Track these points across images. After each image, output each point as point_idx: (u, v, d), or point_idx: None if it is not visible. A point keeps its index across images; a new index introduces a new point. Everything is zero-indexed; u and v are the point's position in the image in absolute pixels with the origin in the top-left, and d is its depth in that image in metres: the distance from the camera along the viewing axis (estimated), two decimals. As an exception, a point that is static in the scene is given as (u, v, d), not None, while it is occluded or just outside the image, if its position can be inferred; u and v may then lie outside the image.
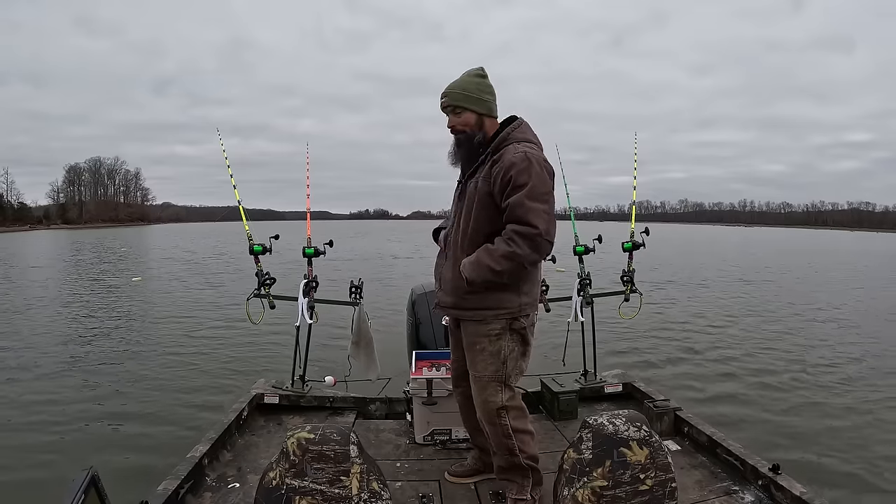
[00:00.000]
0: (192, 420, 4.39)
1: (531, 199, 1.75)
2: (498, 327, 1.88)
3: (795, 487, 1.85)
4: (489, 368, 1.89)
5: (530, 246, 1.75)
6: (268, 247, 2.92)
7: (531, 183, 1.76)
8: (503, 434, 1.92)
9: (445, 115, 1.96)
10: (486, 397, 1.91)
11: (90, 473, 1.08)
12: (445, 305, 1.99)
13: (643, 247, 3.10)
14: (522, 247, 1.75)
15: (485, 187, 1.85)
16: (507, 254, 1.76)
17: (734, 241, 43.14)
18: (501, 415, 1.90)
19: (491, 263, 1.78)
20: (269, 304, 2.92)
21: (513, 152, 1.81)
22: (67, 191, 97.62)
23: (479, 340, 1.90)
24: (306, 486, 1.27)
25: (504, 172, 1.79)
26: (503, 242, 1.78)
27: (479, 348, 1.90)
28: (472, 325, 1.92)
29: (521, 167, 1.76)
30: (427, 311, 3.09)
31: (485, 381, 1.91)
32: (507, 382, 1.91)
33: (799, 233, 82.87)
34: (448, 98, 1.92)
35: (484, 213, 1.86)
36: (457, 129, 1.93)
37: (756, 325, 8.73)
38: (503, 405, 1.90)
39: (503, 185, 1.79)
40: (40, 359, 6.38)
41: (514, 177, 1.76)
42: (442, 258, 2.03)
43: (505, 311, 1.87)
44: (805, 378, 5.81)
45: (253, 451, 2.44)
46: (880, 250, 36.18)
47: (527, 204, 1.75)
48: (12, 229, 66.40)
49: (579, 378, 3.11)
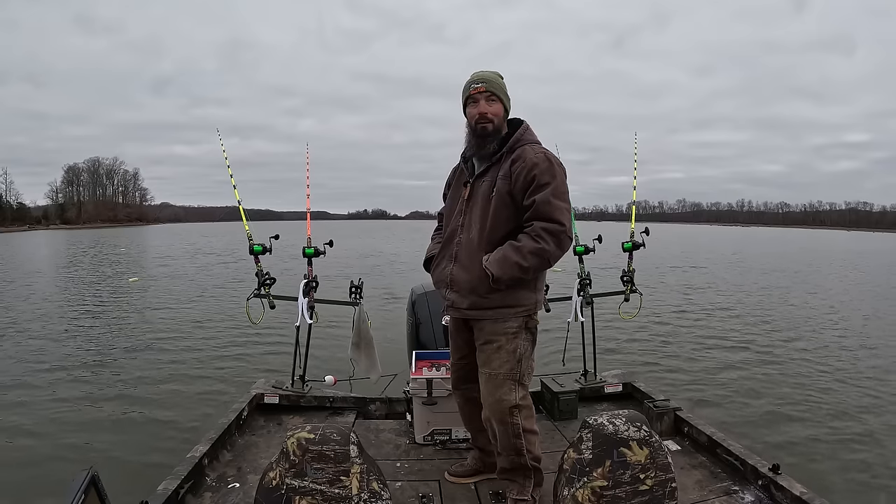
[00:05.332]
0: (192, 420, 4.39)
1: (556, 197, 1.81)
2: (515, 325, 1.89)
3: (795, 487, 1.85)
4: (505, 367, 1.89)
5: (556, 243, 1.80)
6: (268, 247, 2.92)
7: (555, 182, 1.82)
8: (513, 434, 1.90)
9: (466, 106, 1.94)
10: (500, 396, 1.89)
11: (90, 473, 1.08)
12: (461, 307, 1.94)
13: (643, 247, 3.10)
14: (550, 243, 1.79)
15: (505, 186, 1.86)
16: (536, 250, 1.79)
17: (731, 240, 43.15)
18: (514, 413, 1.89)
19: (519, 260, 1.79)
20: (269, 304, 2.92)
21: (533, 152, 1.85)
22: (66, 191, 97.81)
23: (496, 338, 1.89)
24: (306, 486, 1.27)
25: (527, 171, 1.82)
26: (530, 239, 1.80)
27: (497, 346, 1.89)
28: (490, 324, 1.90)
29: (543, 167, 1.82)
30: (427, 311, 3.08)
31: (500, 380, 1.89)
32: (521, 381, 1.91)
33: (796, 232, 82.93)
34: (487, 84, 1.90)
35: (504, 211, 1.87)
36: (486, 118, 1.90)
37: (756, 325, 8.74)
38: (516, 404, 1.90)
39: (526, 183, 1.82)
40: (39, 359, 6.38)
41: (537, 176, 1.81)
42: (447, 262, 1.99)
43: (523, 309, 1.89)
44: (805, 378, 5.82)
45: (253, 451, 2.43)
46: (878, 249, 36.19)
47: (553, 202, 1.80)
48: (11, 229, 66.44)
49: (579, 378, 3.11)
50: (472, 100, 1.93)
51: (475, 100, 1.92)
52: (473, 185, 1.96)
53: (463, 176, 2.05)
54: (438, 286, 2.06)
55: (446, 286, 1.98)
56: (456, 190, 2.07)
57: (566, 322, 3.18)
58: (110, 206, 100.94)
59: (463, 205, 1.99)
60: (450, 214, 2.06)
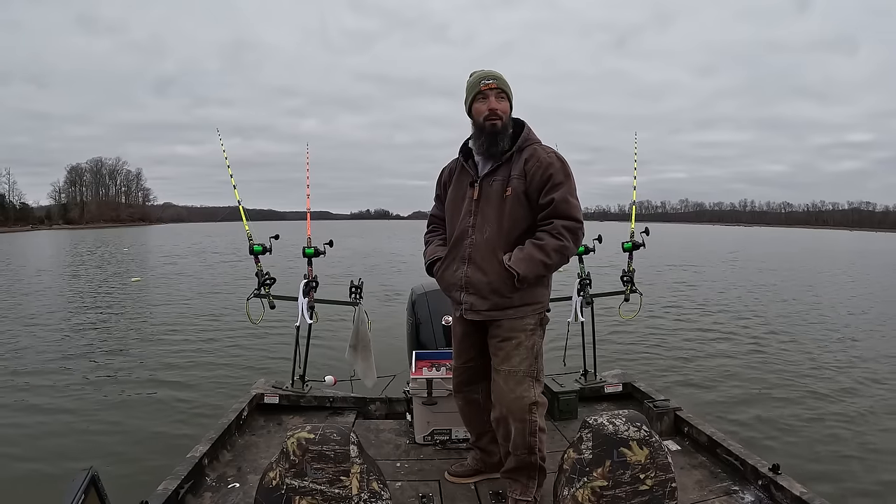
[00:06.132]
0: (192, 420, 4.40)
1: (572, 196, 1.87)
2: (532, 322, 1.91)
3: (795, 487, 1.84)
4: (524, 363, 1.88)
5: (574, 240, 1.85)
6: (268, 247, 2.92)
7: (570, 181, 1.88)
8: (530, 431, 1.88)
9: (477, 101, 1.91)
10: (520, 392, 1.87)
11: (90, 473, 1.08)
12: (480, 309, 1.91)
13: (643, 247, 3.10)
14: (570, 240, 1.84)
15: (521, 185, 1.87)
16: (559, 247, 1.83)
17: (733, 241, 43.14)
18: (533, 410, 1.88)
19: (543, 258, 1.82)
20: (269, 304, 2.92)
21: (544, 152, 1.89)
22: (69, 191, 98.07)
23: (515, 335, 1.89)
24: (306, 486, 1.27)
25: (543, 171, 1.85)
26: (552, 237, 1.83)
27: (516, 343, 1.88)
28: (509, 322, 1.90)
29: (557, 167, 1.86)
30: (427, 311, 3.08)
31: (520, 376, 1.88)
32: (538, 377, 1.91)
33: (798, 232, 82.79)
34: (498, 81, 1.91)
35: (520, 210, 1.88)
36: (496, 114, 1.89)
37: (756, 325, 8.72)
38: (535, 401, 1.89)
39: (541, 182, 1.85)
40: (39, 358, 6.39)
41: (553, 175, 1.85)
42: (459, 264, 1.95)
43: (540, 305, 1.94)
44: (805, 378, 5.81)
45: (253, 451, 2.43)
46: (881, 250, 36.14)
47: (570, 200, 1.85)
48: (14, 229, 66.65)
49: (579, 378, 3.11)
50: (481, 96, 1.90)
51: (485, 96, 1.89)
52: (482, 185, 1.93)
53: (464, 175, 2.00)
54: (450, 290, 2.00)
55: (460, 289, 1.94)
56: (458, 190, 2.01)
57: (566, 322, 3.18)
58: (113, 207, 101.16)
59: (472, 205, 1.93)
60: (454, 215, 2.00)
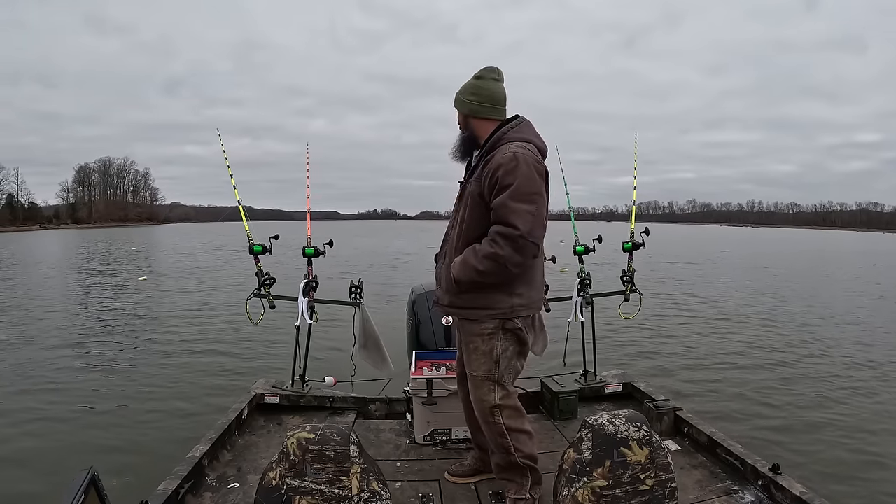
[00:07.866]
0: (192, 420, 4.40)
1: (515, 199, 1.75)
2: (490, 327, 1.89)
3: (795, 487, 1.84)
4: (482, 367, 1.92)
5: (512, 247, 1.74)
6: (268, 247, 2.92)
7: (516, 183, 1.75)
8: (498, 433, 1.94)
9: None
10: (480, 395, 1.94)
11: (90, 473, 1.08)
12: (443, 304, 2.02)
13: (643, 247, 3.10)
14: (504, 248, 1.75)
15: (476, 188, 1.87)
16: (489, 254, 1.77)
17: (734, 240, 43.07)
18: (495, 413, 1.92)
19: (475, 264, 1.80)
20: (269, 304, 2.92)
21: (503, 152, 1.80)
22: (77, 191, 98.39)
23: (473, 339, 1.93)
24: (306, 486, 1.27)
25: (492, 173, 1.79)
26: (486, 243, 1.80)
27: (473, 347, 1.93)
28: (468, 324, 1.95)
29: (508, 167, 1.76)
30: (427, 311, 3.09)
31: (479, 380, 1.93)
32: (500, 382, 1.92)
33: (805, 233, 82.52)
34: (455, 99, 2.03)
35: (476, 212, 1.87)
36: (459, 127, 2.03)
37: (756, 325, 8.71)
38: (496, 404, 1.92)
39: (491, 185, 1.80)
40: (41, 357, 6.42)
41: (500, 177, 1.77)
42: (441, 259, 2.07)
43: (496, 312, 1.88)
44: (806, 378, 5.80)
45: (253, 451, 2.44)
46: (888, 251, 36.06)
47: (510, 205, 1.75)
48: (23, 228, 66.88)
49: (579, 378, 3.10)
50: None
51: None
52: (463, 187, 2.00)
53: None
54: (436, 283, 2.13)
55: (437, 282, 2.07)
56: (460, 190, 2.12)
57: (566, 322, 3.18)
58: (121, 206, 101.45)
59: (456, 205, 2.03)
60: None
